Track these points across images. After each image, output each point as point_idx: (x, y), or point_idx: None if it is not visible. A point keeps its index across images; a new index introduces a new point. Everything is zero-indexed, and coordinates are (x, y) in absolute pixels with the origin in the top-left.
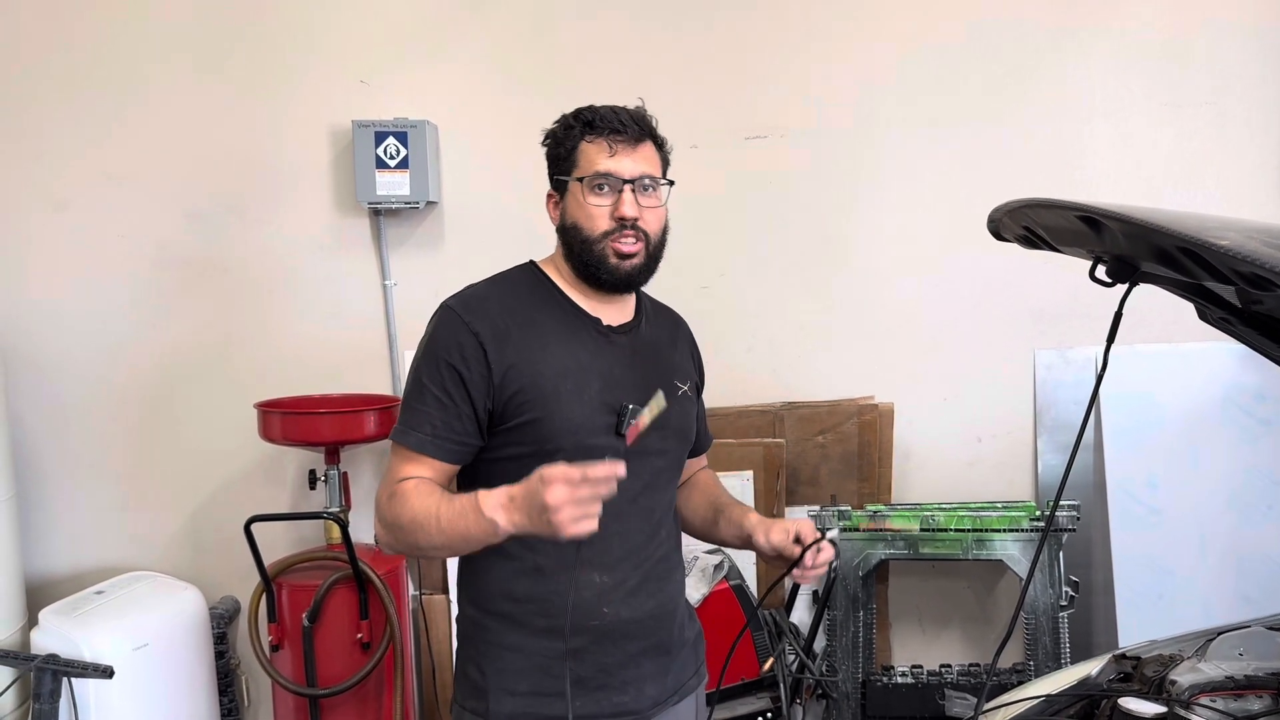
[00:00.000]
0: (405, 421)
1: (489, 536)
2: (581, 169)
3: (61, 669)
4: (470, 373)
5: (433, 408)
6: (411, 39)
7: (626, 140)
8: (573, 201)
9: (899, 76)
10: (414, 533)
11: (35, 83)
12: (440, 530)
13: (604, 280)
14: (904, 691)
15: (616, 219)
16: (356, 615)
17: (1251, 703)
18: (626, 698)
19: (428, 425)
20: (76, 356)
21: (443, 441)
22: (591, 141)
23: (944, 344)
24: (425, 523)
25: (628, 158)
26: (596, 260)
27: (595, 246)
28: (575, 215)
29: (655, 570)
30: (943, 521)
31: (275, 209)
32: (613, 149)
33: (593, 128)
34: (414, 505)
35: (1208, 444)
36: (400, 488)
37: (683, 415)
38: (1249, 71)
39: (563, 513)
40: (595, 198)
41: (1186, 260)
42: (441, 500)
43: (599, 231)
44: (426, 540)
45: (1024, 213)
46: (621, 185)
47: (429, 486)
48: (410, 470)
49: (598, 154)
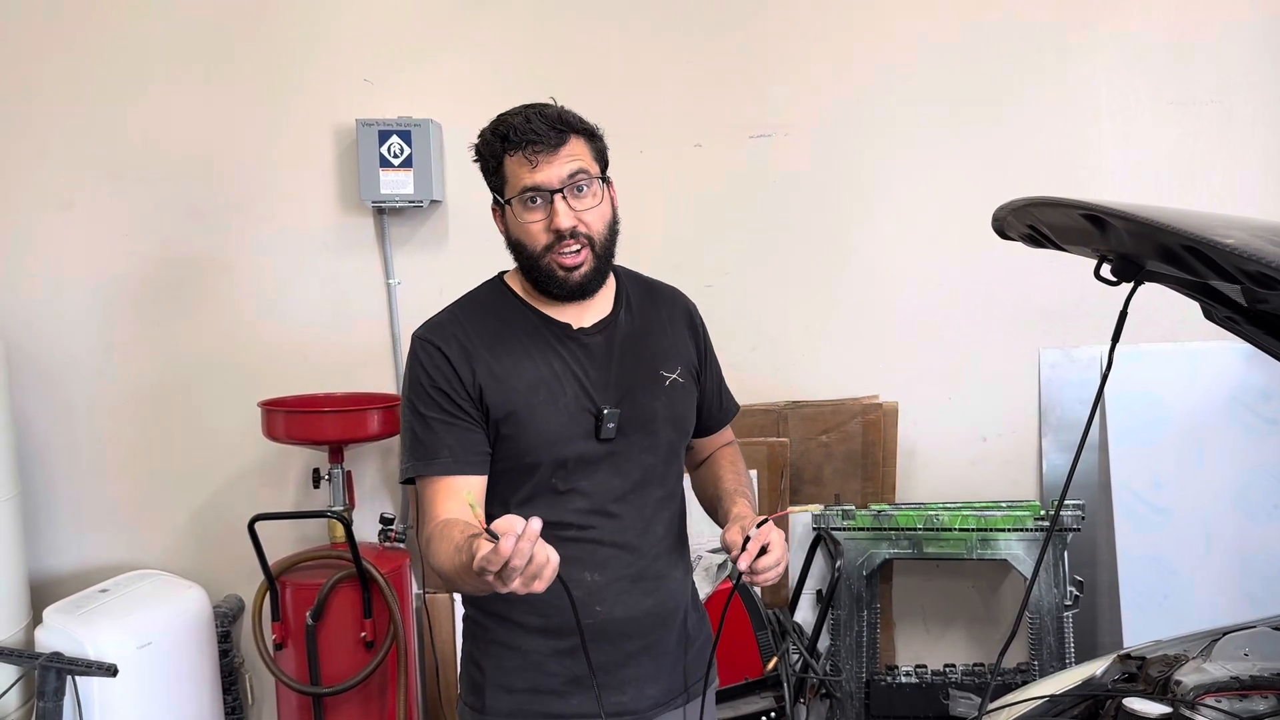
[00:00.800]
0: (418, 456)
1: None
2: (510, 186)
3: (66, 667)
4: (456, 390)
5: (442, 431)
6: (415, 37)
7: (545, 148)
8: (511, 219)
9: (904, 75)
10: (458, 585)
11: (39, 82)
12: (469, 585)
13: (556, 294)
14: (908, 691)
15: (553, 231)
16: (360, 614)
17: (1257, 703)
18: (625, 697)
19: (445, 449)
20: (81, 355)
21: (466, 455)
22: (512, 156)
23: (948, 343)
24: (455, 576)
25: (550, 166)
26: (545, 275)
27: (540, 262)
28: (515, 233)
29: (651, 568)
30: (947, 521)
31: (279, 208)
32: (534, 161)
33: (509, 142)
34: (440, 556)
35: (1213, 443)
36: (432, 532)
37: (673, 404)
38: (1255, 70)
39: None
40: (528, 214)
41: (1192, 259)
42: (454, 553)
43: (540, 246)
44: (469, 590)
45: (1029, 211)
46: (551, 196)
47: (449, 530)
48: (443, 504)
49: (519, 169)
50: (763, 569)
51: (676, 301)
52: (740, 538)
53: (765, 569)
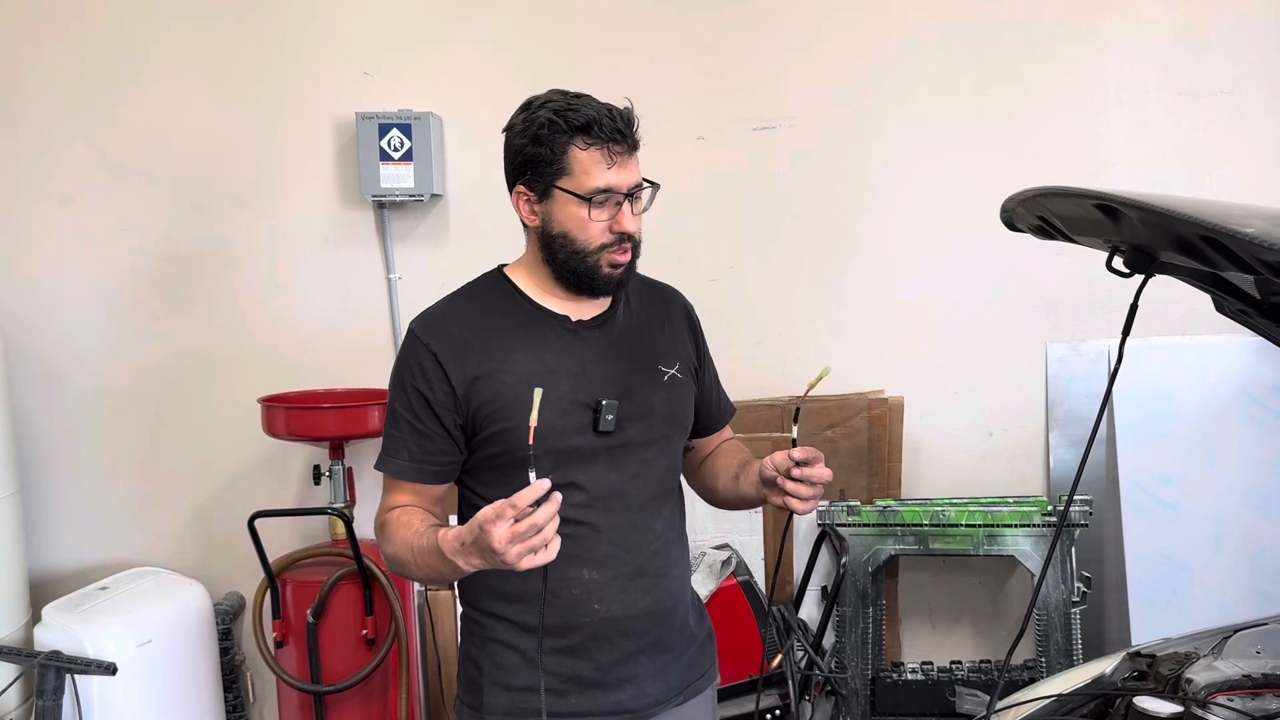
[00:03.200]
0: (386, 448)
1: (459, 573)
2: (576, 179)
3: (65, 666)
4: (434, 393)
5: (406, 433)
6: (415, 30)
7: (625, 149)
8: (562, 210)
9: (910, 67)
10: (403, 567)
11: (39, 76)
12: (419, 566)
13: (596, 288)
14: (914, 688)
15: (616, 233)
16: (361, 611)
17: (1270, 702)
18: (625, 696)
19: (404, 451)
20: (81, 351)
21: (420, 465)
22: (586, 149)
23: (955, 337)
24: (406, 559)
25: (626, 170)
26: (589, 271)
27: (589, 259)
28: (566, 225)
29: (649, 565)
30: (953, 517)
31: (279, 202)
32: (611, 160)
33: (589, 134)
34: (395, 540)
35: (1223, 438)
36: (386, 519)
37: (671, 400)
38: (1267, 59)
39: (510, 554)
40: (596, 211)
41: (1208, 249)
42: (413, 537)
43: (595, 245)
44: (415, 574)
45: (1039, 202)
46: (621, 199)
47: (407, 518)
48: (395, 498)
49: (594, 165)
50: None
51: (675, 300)
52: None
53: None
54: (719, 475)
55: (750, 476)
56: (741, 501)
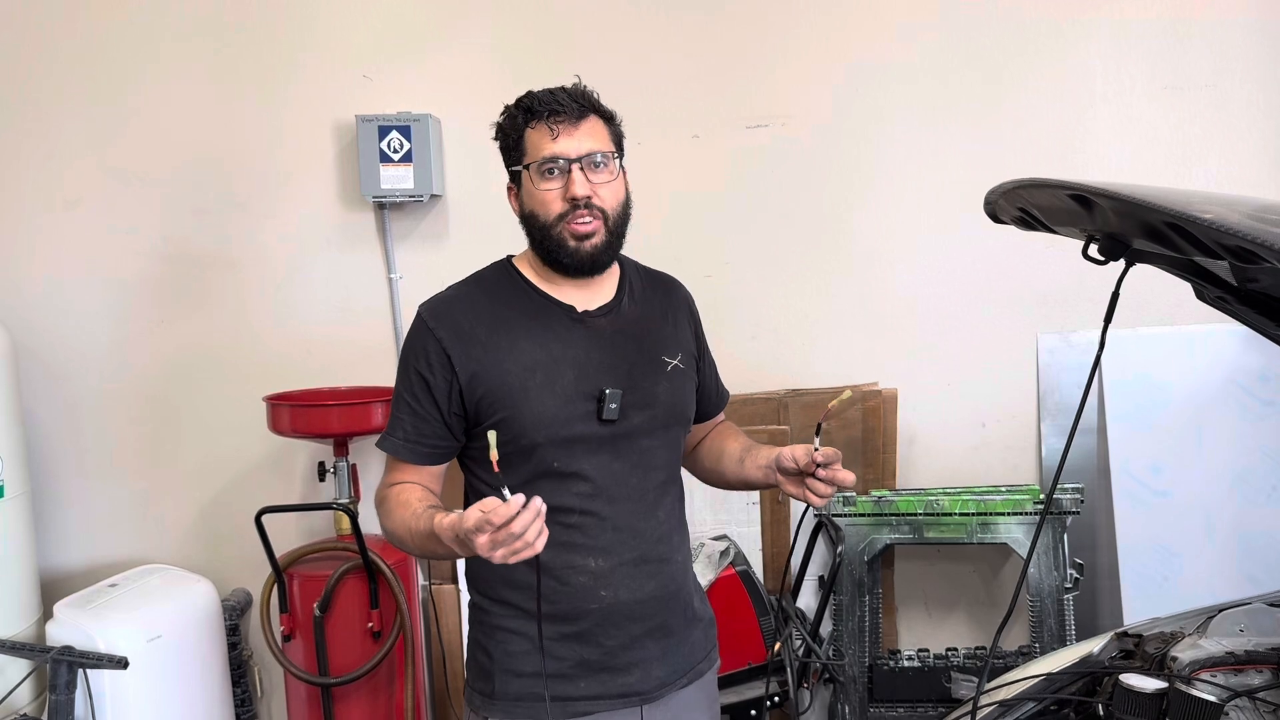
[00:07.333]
0: (388, 426)
1: (455, 556)
2: (529, 156)
3: (77, 660)
4: (435, 378)
5: (405, 414)
6: (413, 32)
7: (567, 120)
8: (526, 190)
9: (900, 63)
10: (401, 543)
11: (42, 81)
12: (417, 546)
13: (566, 264)
14: (910, 675)
15: (569, 200)
16: (367, 605)
17: (1252, 677)
18: (632, 679)
19: (401, 431)
20: (87, 352)
21: (415, 446)
22: (534, 128)
23: (947, 329)
24: (404, 538)
25: (571, 137)
26: (556, 244)
27: (552, 231)
28: (530, 203)
29: (653, 551)
30: (947, 506)
31: (281, 204)
32: (554, 131)
33: (533, 113)
34: (394, 517)
35: (1212, 426)
36: (386, 494)
37: (674, 389)
38: (1249, 54)
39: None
40: (545, 182)
41: (1175, 235)
42: (410, 518)
43: (554, 215)
44: (411, 551)
45: (1018, 194)
46: (569, 166)
47: (405, 496)
48: (394, 475)
49: (541, 139)
50: (841, 480)
51: (677, 291)
52: (802, 450)
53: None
54: (721, 456)
55: (758, 460)
56: (742, 483)
